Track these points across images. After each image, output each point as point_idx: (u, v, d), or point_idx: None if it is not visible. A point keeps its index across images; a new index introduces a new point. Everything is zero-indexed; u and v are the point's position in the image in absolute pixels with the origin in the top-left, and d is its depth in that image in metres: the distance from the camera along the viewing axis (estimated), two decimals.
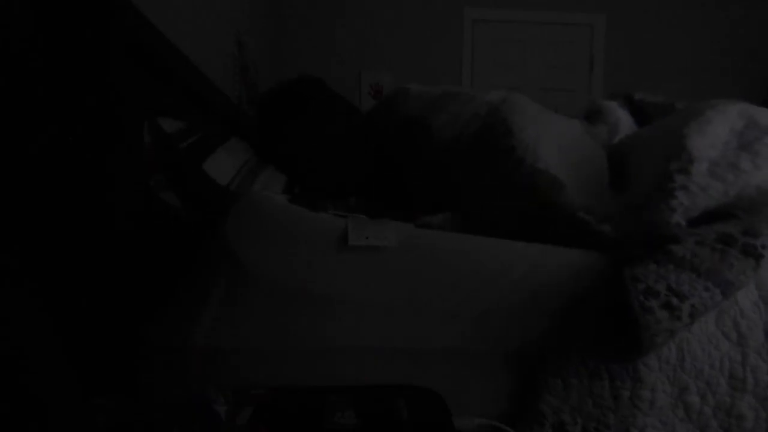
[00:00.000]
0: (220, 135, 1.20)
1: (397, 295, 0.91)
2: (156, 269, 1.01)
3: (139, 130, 1.03)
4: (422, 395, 0.78)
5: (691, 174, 0.92)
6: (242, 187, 1.10)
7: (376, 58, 4.28)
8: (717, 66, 4.26)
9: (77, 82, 0.90)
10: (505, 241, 0.93)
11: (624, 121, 1.33)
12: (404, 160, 1.25)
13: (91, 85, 0.91)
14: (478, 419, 0.86)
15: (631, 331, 0.83)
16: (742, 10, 4.29)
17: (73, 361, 0.66)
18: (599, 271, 0.90)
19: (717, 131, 0.96)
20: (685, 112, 1.09)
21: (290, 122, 1.27)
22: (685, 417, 0.90)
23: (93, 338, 0.89)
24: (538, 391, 0.89)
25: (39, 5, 0.88)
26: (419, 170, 1.23)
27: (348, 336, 0.91)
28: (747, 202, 0.96)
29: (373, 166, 1.31)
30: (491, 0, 4.32)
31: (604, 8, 4.32)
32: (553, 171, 1.00)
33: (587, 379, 0.88)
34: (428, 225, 1.03)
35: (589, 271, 0.90)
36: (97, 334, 0.90)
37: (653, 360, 0.88)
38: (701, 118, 0.97)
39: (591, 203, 0.98)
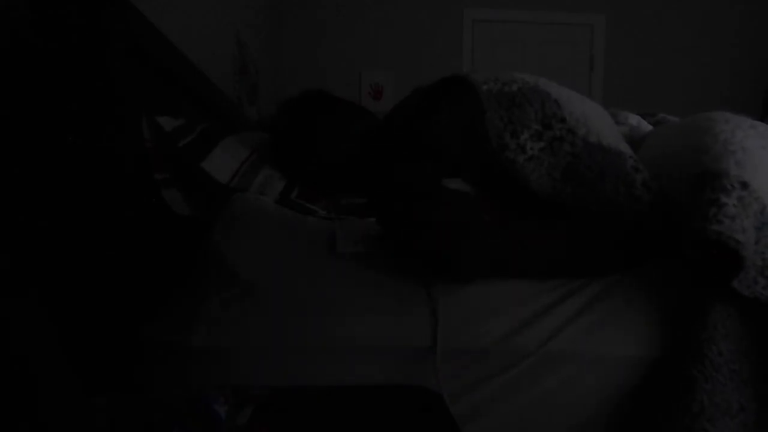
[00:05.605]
0: (218, 132, 1.19)
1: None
2: (156, 268, 1.01)
3: (138, 129, 1.03)
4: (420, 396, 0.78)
5: None
6: (244, 183, 1.10)
7: (376, 58, 4.28)
8: (717, 66, 4.25)
9: (77, 82, 0.90)
10: None
11: (644, 126, 1.30)
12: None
13: (91, 85, 0.91)
14: None
15: None
16: (742, 10, 4.29)
17: (73, 361, 0.65)
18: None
19: None
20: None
21: (321, 119, 1.19)
22: None
23: (93, 338, 0.89)
24: None
25: (38, 5, 0.88)
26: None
27: (345, 336, 0.90)
28: None
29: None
30: (491, 0, 4.31)
31: (604, 8, 4.32)
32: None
33: None
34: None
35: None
36: (97, 334, 0.90)
37: None
38: None
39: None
